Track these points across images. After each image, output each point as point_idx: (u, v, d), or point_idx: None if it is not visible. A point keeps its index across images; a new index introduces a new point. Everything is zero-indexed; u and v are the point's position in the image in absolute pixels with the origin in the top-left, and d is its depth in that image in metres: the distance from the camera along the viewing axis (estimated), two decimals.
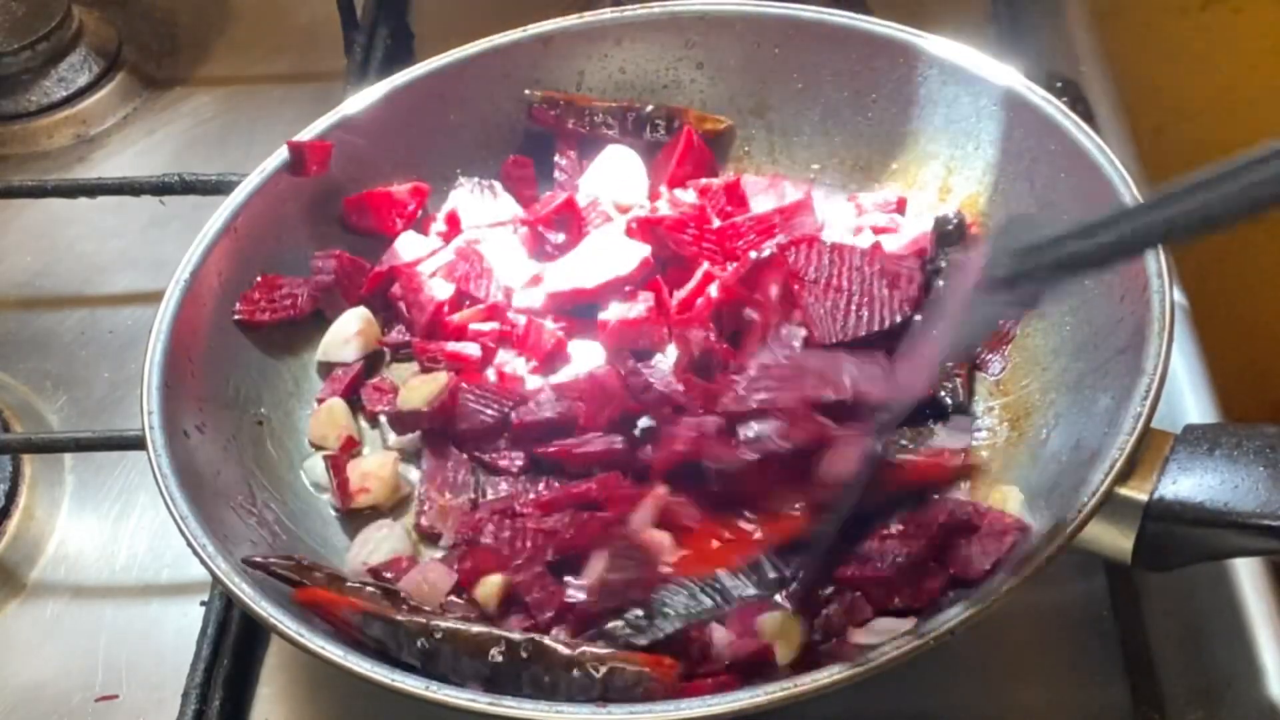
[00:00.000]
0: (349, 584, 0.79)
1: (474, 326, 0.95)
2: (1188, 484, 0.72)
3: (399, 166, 1.02)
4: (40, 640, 0.89)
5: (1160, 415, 0.75)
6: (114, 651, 0.88)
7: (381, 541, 0.85)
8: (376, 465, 0.89)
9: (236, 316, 0.93)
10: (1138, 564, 0.74)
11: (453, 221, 1.01)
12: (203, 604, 0.88)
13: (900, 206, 0.98)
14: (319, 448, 0.92)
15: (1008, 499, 0.81)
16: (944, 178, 0.97)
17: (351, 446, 0.91)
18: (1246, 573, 0.83)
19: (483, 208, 1.01)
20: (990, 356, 0.90)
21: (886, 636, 0.71)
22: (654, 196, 1.01)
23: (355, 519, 0.88)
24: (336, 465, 0.89)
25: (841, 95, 1.00)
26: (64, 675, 0.87)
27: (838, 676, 0.68)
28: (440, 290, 0.96)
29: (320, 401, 0.94)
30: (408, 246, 1.00)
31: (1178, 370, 0.93)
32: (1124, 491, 0.72)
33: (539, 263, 0.99)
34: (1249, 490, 0.70)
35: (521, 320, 0.95)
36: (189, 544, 0.76)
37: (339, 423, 0.92)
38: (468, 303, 0.97)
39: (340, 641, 0.72)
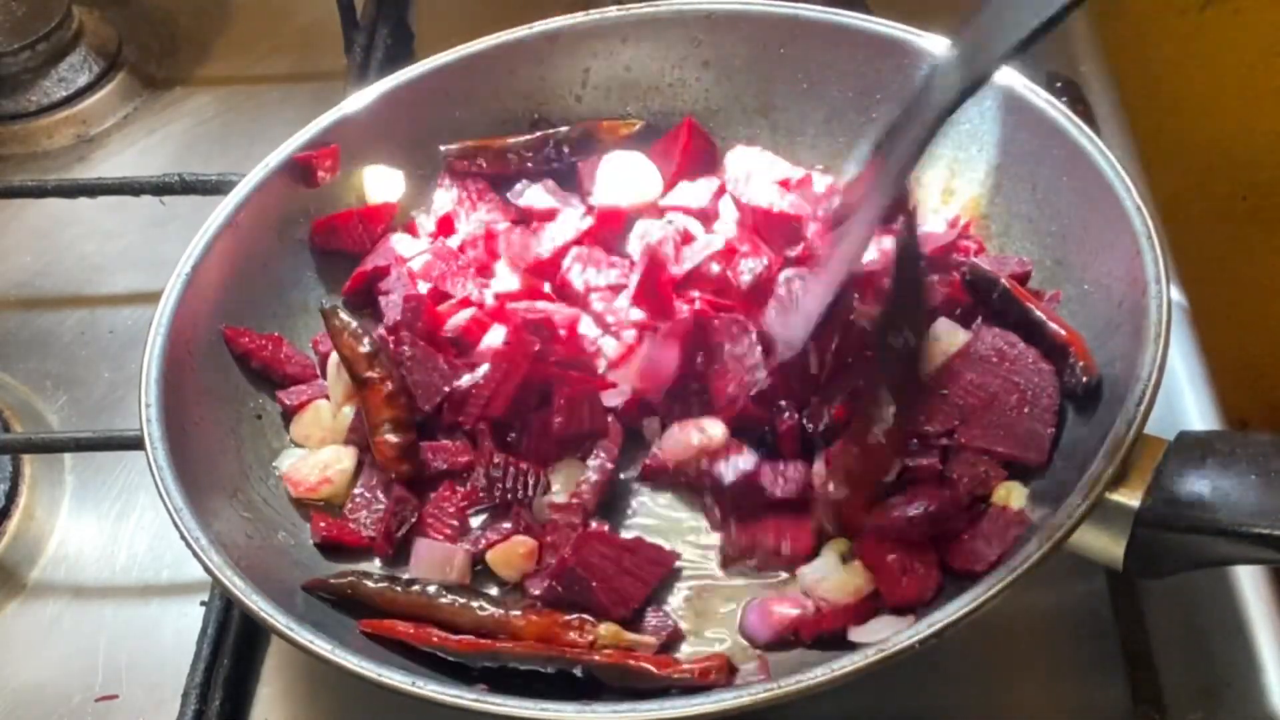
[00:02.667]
0: (407, 594, 0.80)
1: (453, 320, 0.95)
2: (1180, 491, 0.72)
3: (403, 162, 1.02)
4: (40, 640, 0.89)
5: (1159, 415, 0.75)
6: (114, 651, 0.88)
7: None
8: (334, 457, 0.89)
9: (237, 352, 0.92)
10: (1129, 570, 0.74)
11: (444, 224, 1.01)
12: (203, 604, 0.88)
13: None
14: (299, 445, 0.92)
15: (1012, 493, 0.81)
16: (947, 180, 0.97)
17: None
18: (1246, 574, 0.83)
19: (472, 205, 1.02)
20: None
21: (875, 638, 0.72)
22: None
23: None
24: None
25: (846, 96, 1.01)
26: (64, 675, 0.87)
27: (822, 679, 0.68)
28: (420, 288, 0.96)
29: (301, 405, 0.93)
30: (400, 245, 0.99)
31: (1178, 371, 0.93)
32: (1116, 497, 0.72)
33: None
34: (1240, 498, 0.70)
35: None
36: (182, 537, 0.76)
37: (324, 425, 0.92)
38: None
39: (334, 639, 0.73)
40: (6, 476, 0.96)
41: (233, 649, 0.85)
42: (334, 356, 0.92)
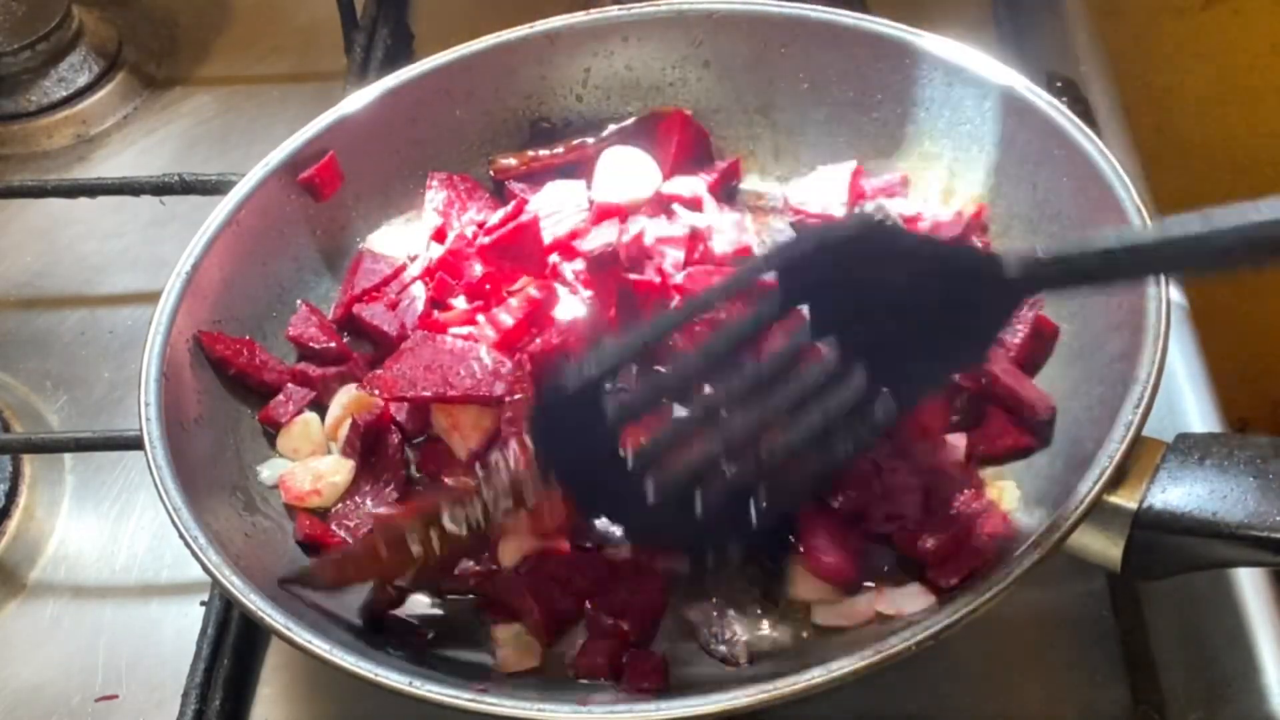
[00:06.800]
0: None
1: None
2: (1177, 493, 0.72)
3: (403, 162, 1.02)
4: (40, 640, 0.89)
5: (1159, 415, 0.75)
6: (114, 651, 0.88)
7: None
8: (329, 469, 0.89)
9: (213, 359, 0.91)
10: (1127, 572, 0.74)
11: (439, 236, 1.00)
12: (203, 604, 0.88)
13: (903, 183, 0.98)
14: (286, 457, 0.91)
15: (1005, 494, 0.81)
16: (947, 180, 0.97)
17: None
18: (1246, 575, 0.83)
19: (462, 205, 1.02)
20: None
21: (897, 609, 0.72)
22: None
23: None
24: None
25: (847, 96, 1.00)
26: (64, 675, 0.87)
27: (820, 680, 0.68)
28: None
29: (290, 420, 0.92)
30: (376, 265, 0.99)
31: (1178, 371, 0.93)
32: (1113, 499, 0.72)
33: None
34: (1237, 501, 0.71)
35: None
36: (181, 537, 0.76)
37: (313, 439, 0.91)
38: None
39: (332, 637, 0.73)
40: (6, 476, 0.96)
41: (233, 649, 0.85)
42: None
